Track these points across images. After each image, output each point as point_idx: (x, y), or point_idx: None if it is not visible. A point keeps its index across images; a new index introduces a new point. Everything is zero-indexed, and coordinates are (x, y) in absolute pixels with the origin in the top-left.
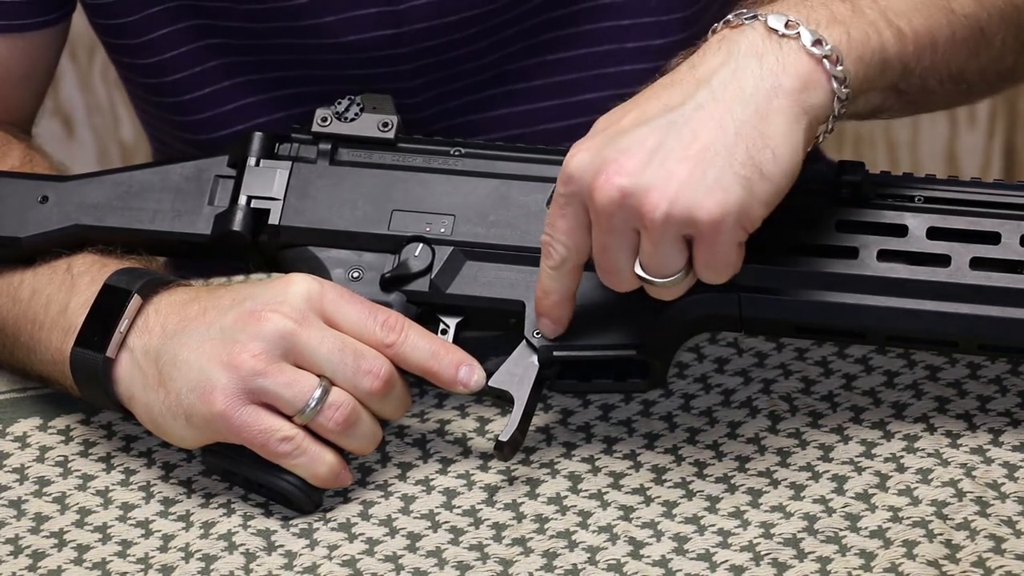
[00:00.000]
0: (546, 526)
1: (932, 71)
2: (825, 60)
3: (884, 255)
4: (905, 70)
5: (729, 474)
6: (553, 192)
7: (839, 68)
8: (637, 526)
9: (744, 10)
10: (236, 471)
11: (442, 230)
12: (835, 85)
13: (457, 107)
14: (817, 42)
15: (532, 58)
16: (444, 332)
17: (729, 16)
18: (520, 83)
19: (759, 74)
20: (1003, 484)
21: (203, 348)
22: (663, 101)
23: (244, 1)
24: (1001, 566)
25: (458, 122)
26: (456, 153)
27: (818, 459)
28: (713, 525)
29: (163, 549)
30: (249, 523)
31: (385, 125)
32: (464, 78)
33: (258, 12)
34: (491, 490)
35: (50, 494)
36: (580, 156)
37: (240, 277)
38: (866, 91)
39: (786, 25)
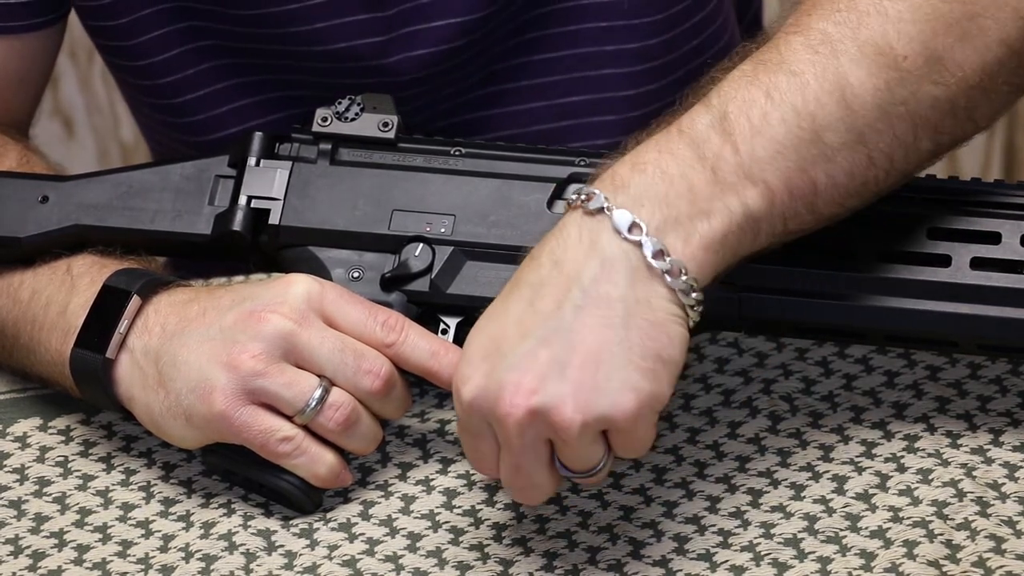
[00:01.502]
0: (546, 526)
1: (827, 201)
2: (666, 275)
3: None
4: (786, 218)
5: (729, 474)
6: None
7: (682, 279)
8: (637, 526)
9: (594, 189)
10: (236, 471)
11: (442, 230)
12: (680, 297)
13: (448, 108)
14: (659, 253)
15: (519, 58)
16: (444, 332)
17: (579, 192)
18: (508, 83)
19: (629, 267)
20: (1003, 484)
21: (203, 348)
22: (537, 308)
23: (234, 6)
24: (1001, 566)
25: (449, 123)
26: (457, 153)
27: (818, 459)
28: (713, 525)
29: (163, 549)
30: (249, 523)
31: (385, 125)
32: (455, 81)
33: (248, 17)
34: (491, 490)
35: (50, 494)
36: (472, 385)
37: (240, 277)
38: (744, 254)
39: (629, 229)
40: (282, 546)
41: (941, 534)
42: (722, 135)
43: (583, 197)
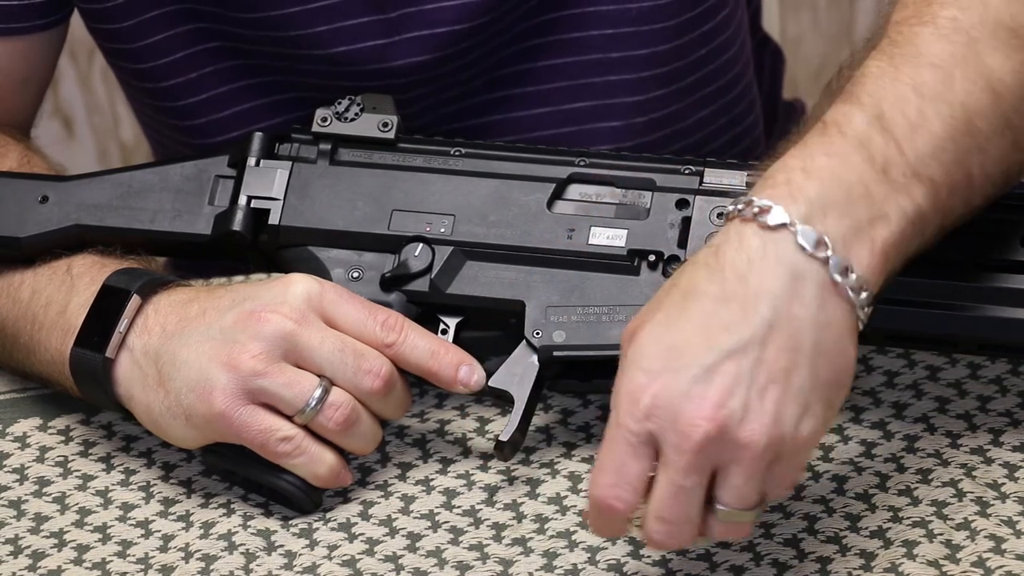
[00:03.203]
0: (546, 526)
1: (979, 192)
2: (850, 291)
3: None
4: (944, 215)
5: None
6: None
7: (863, 295)
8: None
9: (769, 201)
10: (236, 471)
11: (442, 230)
12: (858, 312)
13: (450, 113)
14: (844, 270)
15: (523, 63)
16: (444, 332)
17: (749, 203)
18: (513, 89)
19: (816, 284)
20: (1003, 484)
21: (203, 348)
22: (724, 320)
23: (237, 9)
24: (1001, 566)
25: (453, 127)
26: (456, 153)
27: (818, 459)
28: None
29: (163, 549)
30: (249, 523)
31: (385, 125)
32: (457, 85)
33: (251, 20)
34: (491, 490)
35: (50, 494)
36: (650, 394)
37: (240, 277)
38: (910, 256)
39: (816, 245)
40: (282, 546)
41: (941, 534)
42: (884, 134)
43: (757, 209)
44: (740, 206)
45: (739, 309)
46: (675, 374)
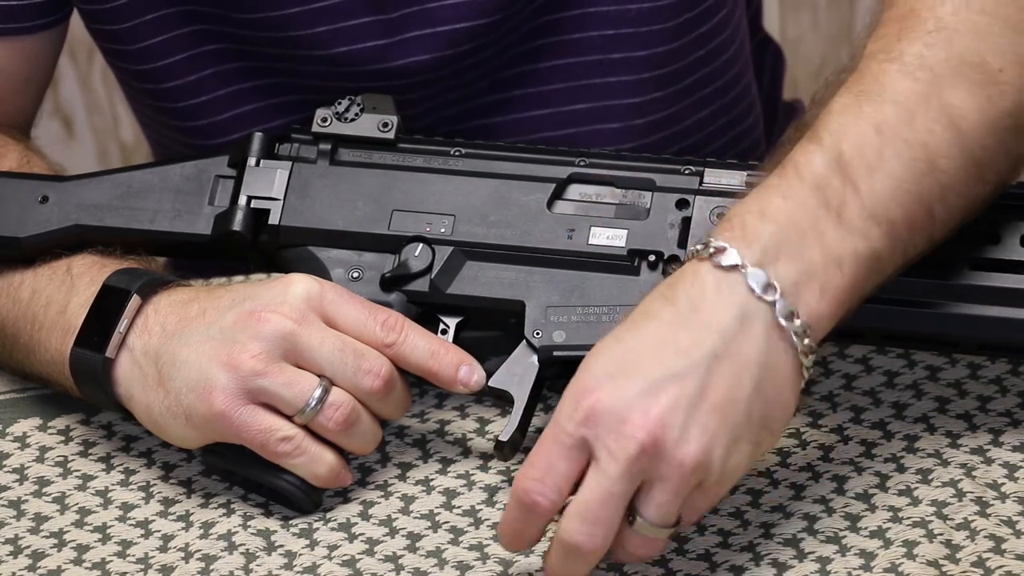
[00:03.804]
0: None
1: (943, 228)
2: (794, 335)
3: None
4: (905, 252)
5: None
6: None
7: (806, 341)
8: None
9: (724, 242)
10: (236, 471)
11: (442, 230)
12: (803, 360)
13: (453, 115)
14: (790, 315)
15: (524, 65)
16: (444, 332)
17: (706, 243)
18: (513, 90)
19: (765, 326)
20: (1003, 484)
21: (203, 348)
22: (675, 344)
23: (238, 10)
24: (1001, 566)
25: (454, 129)
26: (456, 153)
27: (818, 459)
28: (713, 525)
29: (163, 549)
30: (249, 523)
31: (385, 125)
32: (459, 87)
33: (252, 21)
34: (491, 490)
35: (50, 494)
36: (594, 399)
37: (240, 277)
38: (867, 293)
39: (764, 289)
40: (282, 546)
41: (941, 534)
42: (841, 177)
43: (712, 250)
44: (698, 247)
45: (689, 336)
46: (622, 383)
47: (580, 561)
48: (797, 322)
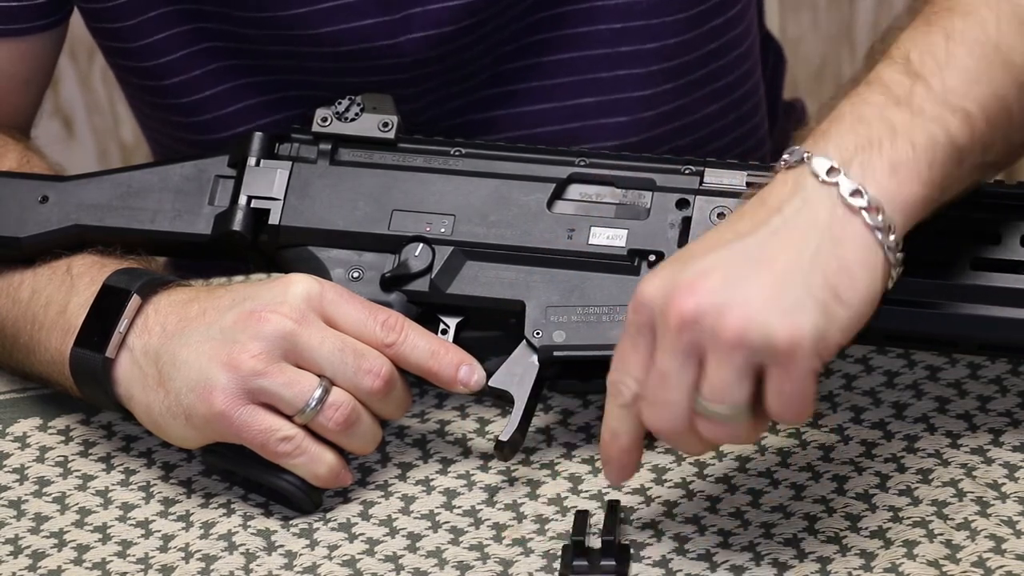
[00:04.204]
0: (546, 526)
1: (1018, 128)
2: (864, 212)
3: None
4: (984, 147)
5: (729, 474)
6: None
7: (879, 218)
8: (637, 527)
9: (796, 147)
10: (236, 471)
11: (442, 230)
12: (878, 236)
13: (455, 108)
14: (856, 192)
15: (528, 59)
16: (444, 332)
17: (785, 154)
18: (518, 84)
19: (830, 204)
20: (1003, 484)
21: (203, 348)
22: (735, 229)
23: (240, 8)
24: (1001, 566)
25: (456, 123)
26: (456, 153)
27: (818, 459)
28: (713, 525)
29: (163, 549)
30: (249, 523)
31: (385, 125)
32: (462, 81)
33: (254, 19)
34: (491, 490)
35: (50, 494)
36: (652, 282)
37: (240, 277)
38: (950, 189)
39: (828, 172)
40: (282, 546)
41: (941, 534)
42: (910, 76)
43: (783, 161)
44: (782, 161)
45: (751, 219)
46: (677, 267)
47: (678, 442)
48: (864, 199)
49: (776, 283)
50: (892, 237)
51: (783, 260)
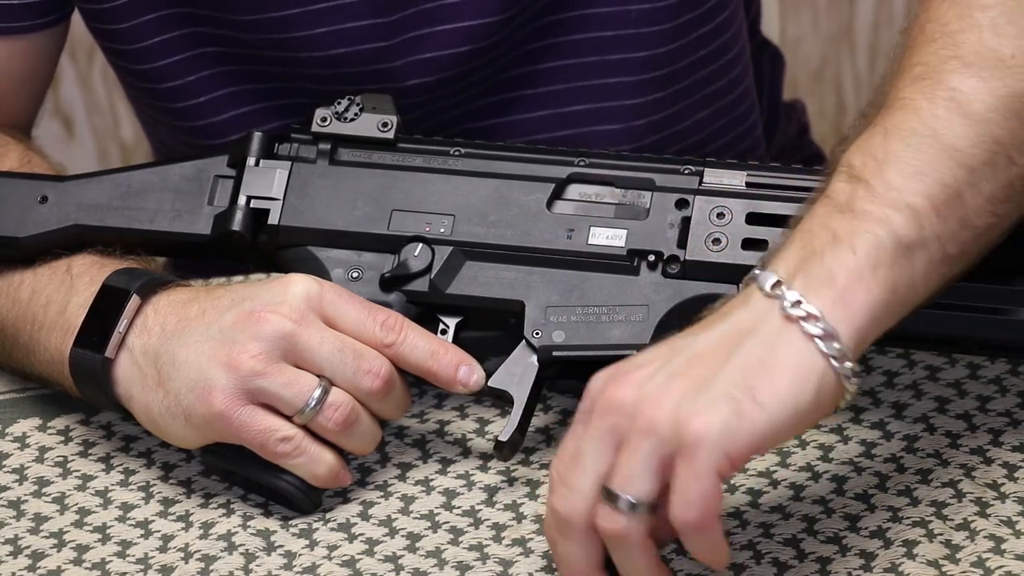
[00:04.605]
0: None
1: (978, 211)
2: (802, 322)
3: None
4: (940, 238)
5: None
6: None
7: (819, 326)
8: None
9: (755, 271)
10: (235, 471)
11: (442, 230)
12: (820, 345)
13: (453, 117)
14: (796, 303)
15: (523, 68)
16: (444, 332)
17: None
18: (513, 92)
19: (771, 315)
20: (1003, 484)
21: (202, 348)
22: (688, 332)
23: (237, 12)
24: (1001, 566)
25: (454, 132)
26: (456, 153)
27: (818, 459)
28: None
29: (163, 549)
30: (249, 523)
31: (385, 125)
32: (459, 92)
33: (250, 23)
34: (491, 490)
35: (49, 494)
36: (600, 374)
37: (239, 277)
38: (909, 283)
39: (772, 286)
40: (281, 546)
41: (941, 534)
42: (851, 182)
43: (745, 277)
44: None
45: (702, 325)
46: (623, 363)
47: (565, 528)
48: (802, 309)
49: (698, 379)
50: (836, 345)
51: (711, 359)
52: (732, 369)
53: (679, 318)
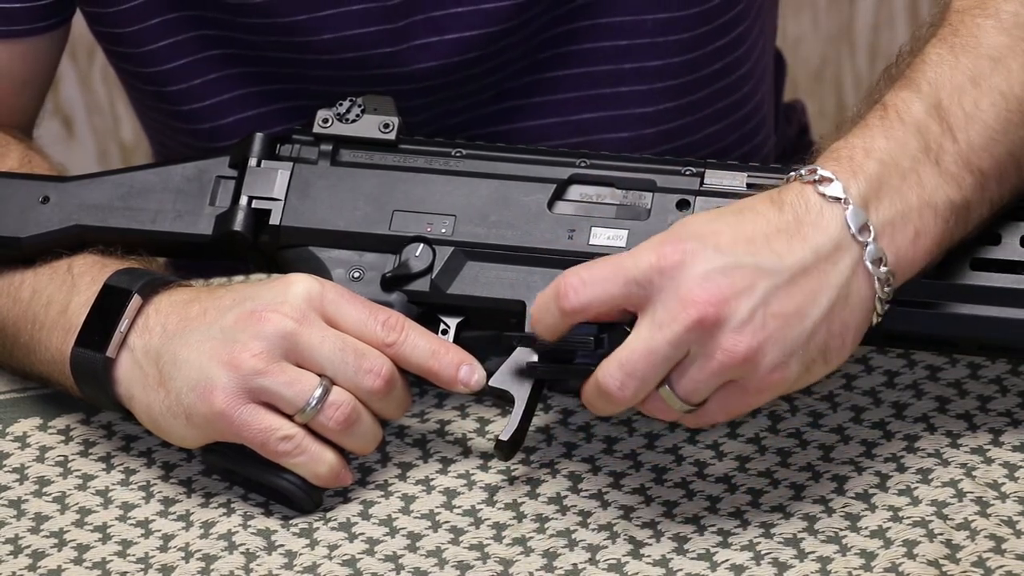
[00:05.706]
0: (546, 526)
1: (1021, 186)
2: (876, 280)
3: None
4: (992, 204)
5: (729, 474)
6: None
7: (887, 289)
8: (637, 525)
9: (830, 173)
10: (236, 470)
11: (443, 230)
12: (879, 301)
13: (457, 123)
14: (878, 260)
15: (532, 75)
16: (444, 332)
17: (814, 170)
18: (521, 100)
19: (853, 263)
20: (1003, 484)
21: (203, 348)
22: (767, 237)
23: (244, 15)
24: (1001, 566)
25: (459, 136)
26: (457, 154)
27: (818, 459)
28: (713, 525)
29: (163, 549)
30: (249, 523)
31: (386, 126)
32: (465, 96)
33: (258, 26)
34: (491, 490)
35: (50, 494)
36: (682, 255)
37: (240, 277)
38: (954, 242)
39: (860, 230)
40: (282, 546)
41: (941, 534)
42: (940, 124)
43: (819, 177)
44: (803, 171)
45: (786, 241)
46: (707, 252)
47: (609, 403)
48: (883, 269)
49: (790, 331)
50: (885, 306)
51: (797, 304)
52: (820, 330)
53: None
